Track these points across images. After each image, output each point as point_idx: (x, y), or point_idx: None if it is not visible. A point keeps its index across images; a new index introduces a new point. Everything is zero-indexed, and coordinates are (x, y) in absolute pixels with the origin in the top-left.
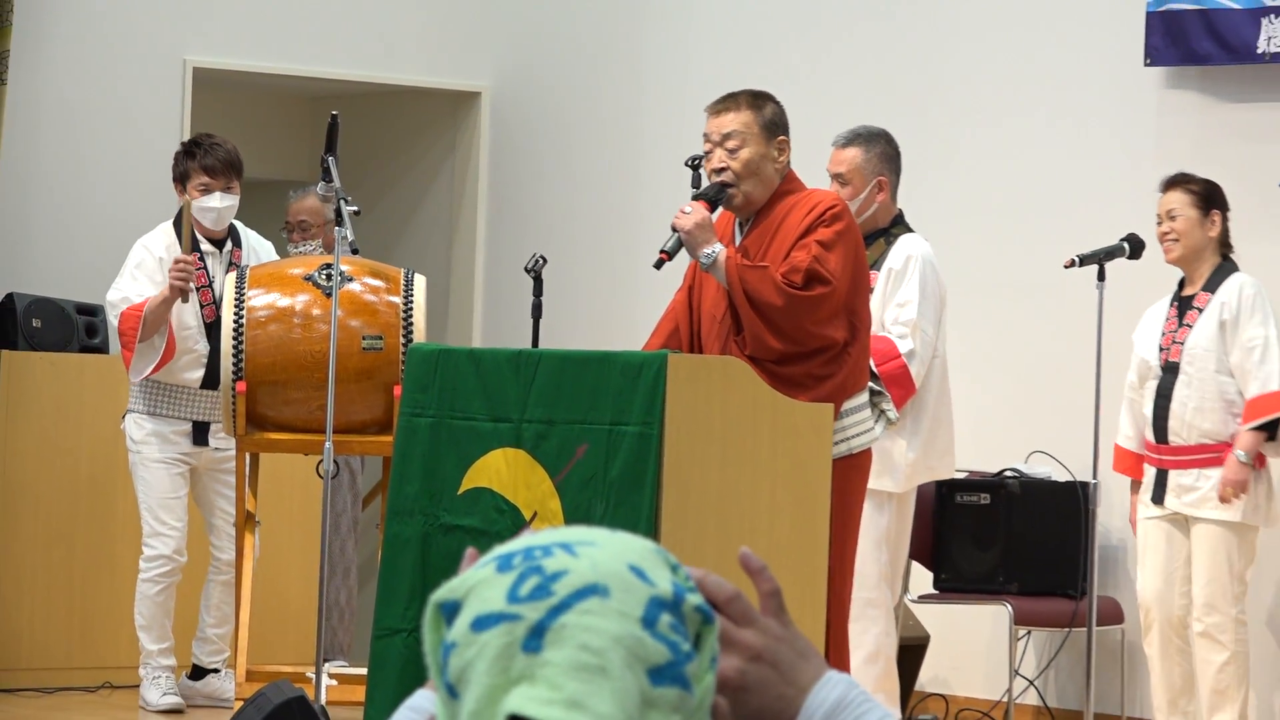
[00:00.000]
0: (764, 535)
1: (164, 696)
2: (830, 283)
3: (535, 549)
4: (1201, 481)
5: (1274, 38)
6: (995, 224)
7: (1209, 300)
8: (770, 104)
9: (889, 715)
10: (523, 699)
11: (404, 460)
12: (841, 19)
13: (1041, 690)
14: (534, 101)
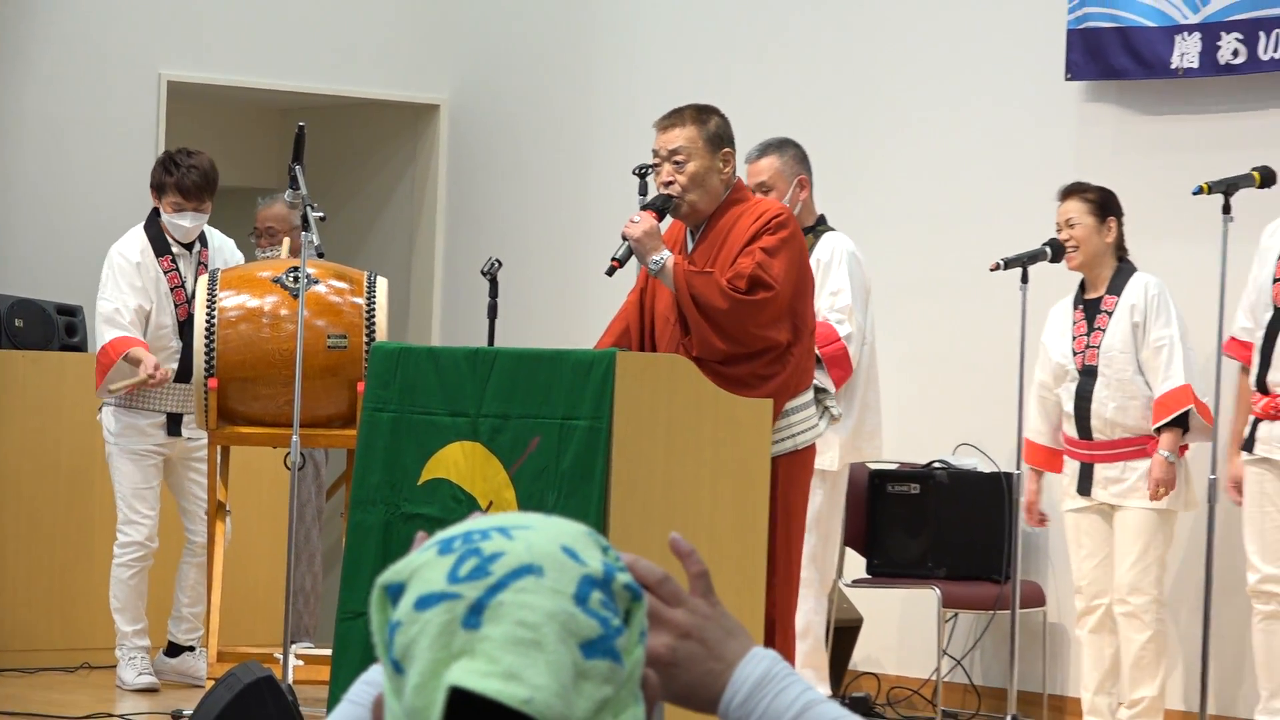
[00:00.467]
0: (706, 524)
1: (139, 676)
2: (773, 288)
3: (474, 533)
4: (1128, 473)
5: (1187, 54)
6: (925, 229)
7: (1116, 303)
8: (715, 118)
9: (810, 689)
10: (463, 672)
11: (367, 452)
12: (780, 37)
13: (968, 669)
14: (489, 114)
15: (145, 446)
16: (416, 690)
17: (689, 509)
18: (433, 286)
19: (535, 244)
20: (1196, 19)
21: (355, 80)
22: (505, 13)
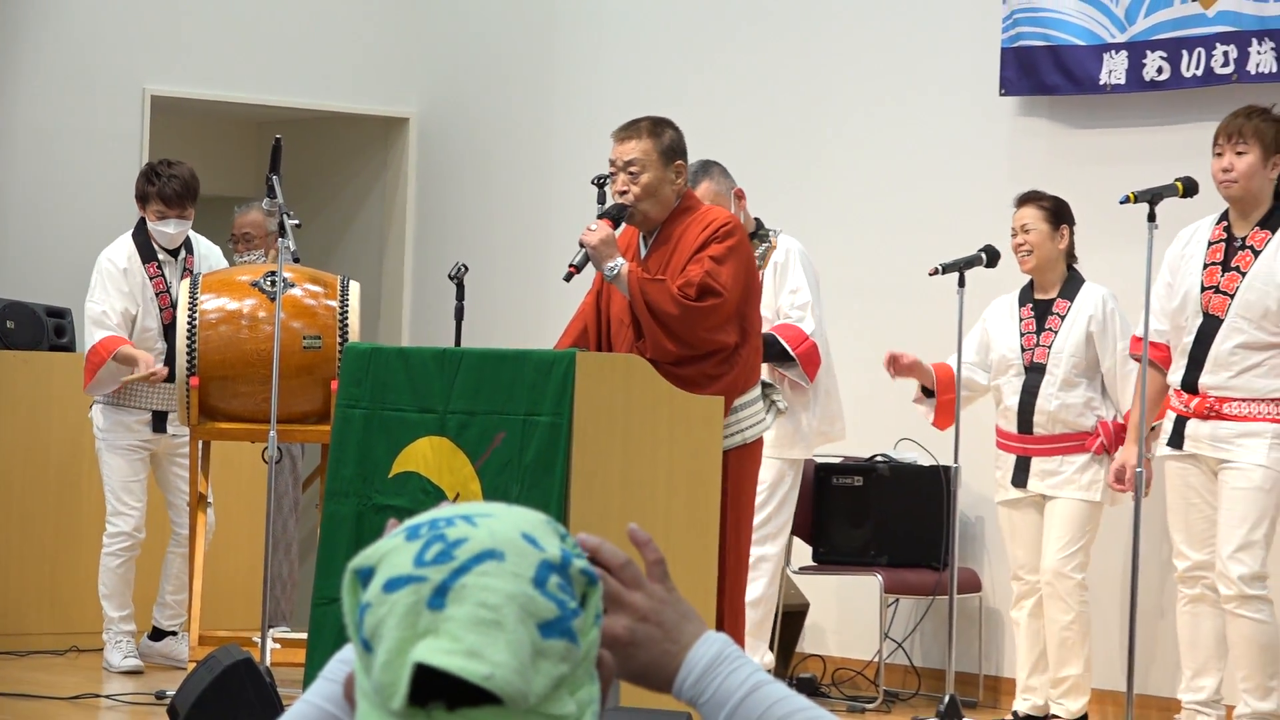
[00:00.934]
0: (662, 514)
1: (125, 659)
2: (721, 294)
3: (439, 520)
4: (1065, 466)
5: (1114, 71)
6: (868, 236)
7: (1069, 308)
8: (669, 131)
9: (758, 670)
10: (428, 650)
11: (340, 447)
12: (730, 53)
13: (908, 651)
14: (456, 127)
15: (132, 442)
16: (384, 667)
17: (645, 500)
18: (403, 290)
19: (499, 250)
20: (1123, 38)
21: (329, 95)
22: (471, 32)
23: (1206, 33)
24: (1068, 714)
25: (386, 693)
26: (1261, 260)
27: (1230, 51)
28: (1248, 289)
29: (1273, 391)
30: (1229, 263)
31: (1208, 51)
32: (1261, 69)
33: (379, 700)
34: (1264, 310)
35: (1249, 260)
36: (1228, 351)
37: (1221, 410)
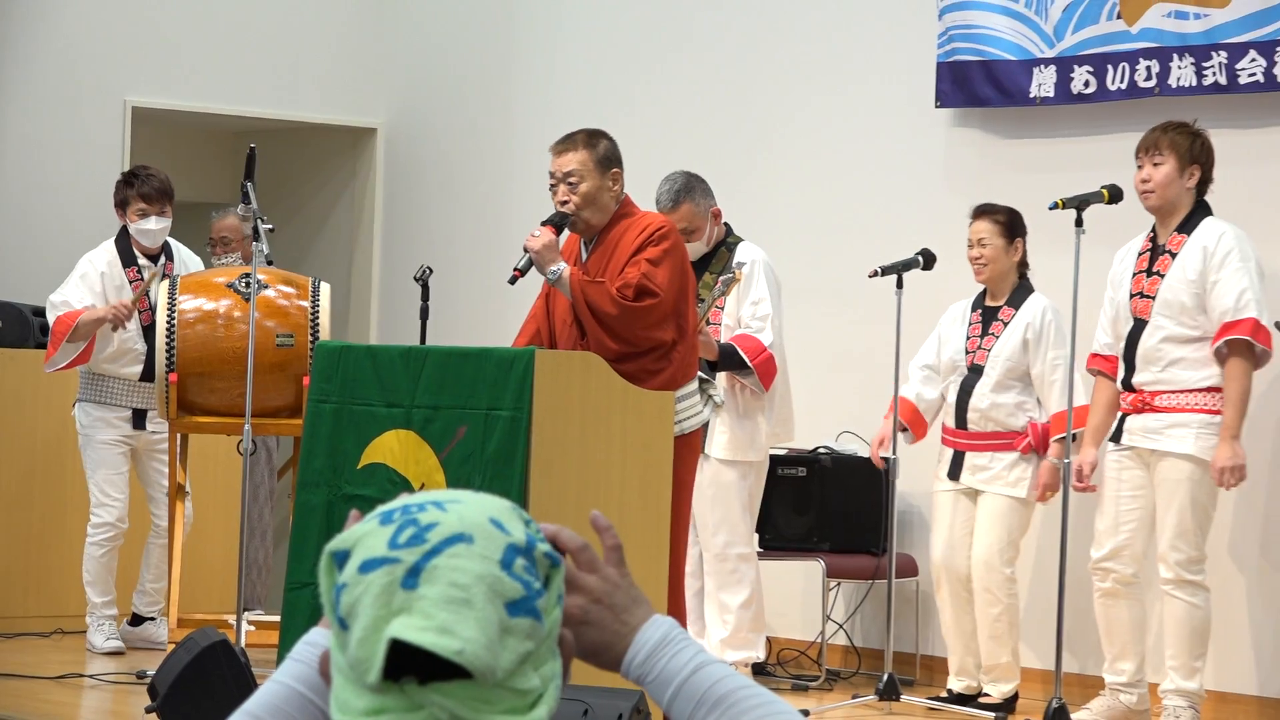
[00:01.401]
0: (615, 501)
1: (107, 640)
2: (658, 295)
3: (412, 506)
4: (994, 463)
5: (1043, 85)
6: (811, 239)
7: (1013, 315)
8: (604, 141)
9: (701, 651)
10: (402, 627)
11: (312, 440)
12: (682, 68)
13: (849, 632)
14: (421, 137)
15: (114, 437)
16: (360, 643)
17: (600, 489)
18: (371, 291)
19: (462, 253)
20: (1052, 53)
21: (301, 106)
22: (435, 47)
23: (1130, 49)
24: (998, 694)
25: (362, 668)
26: (1177, 261)
27: (1153, 66)
28: (1166, 289)
29: (1199, 382)
30: (1152, 268)
31: (1131, 66)
32: (1182, 83)
33: (354, 675)
34: (1181, 306)
35: (1168, 263)
36: (1153, 348)
37: (1153, 403)
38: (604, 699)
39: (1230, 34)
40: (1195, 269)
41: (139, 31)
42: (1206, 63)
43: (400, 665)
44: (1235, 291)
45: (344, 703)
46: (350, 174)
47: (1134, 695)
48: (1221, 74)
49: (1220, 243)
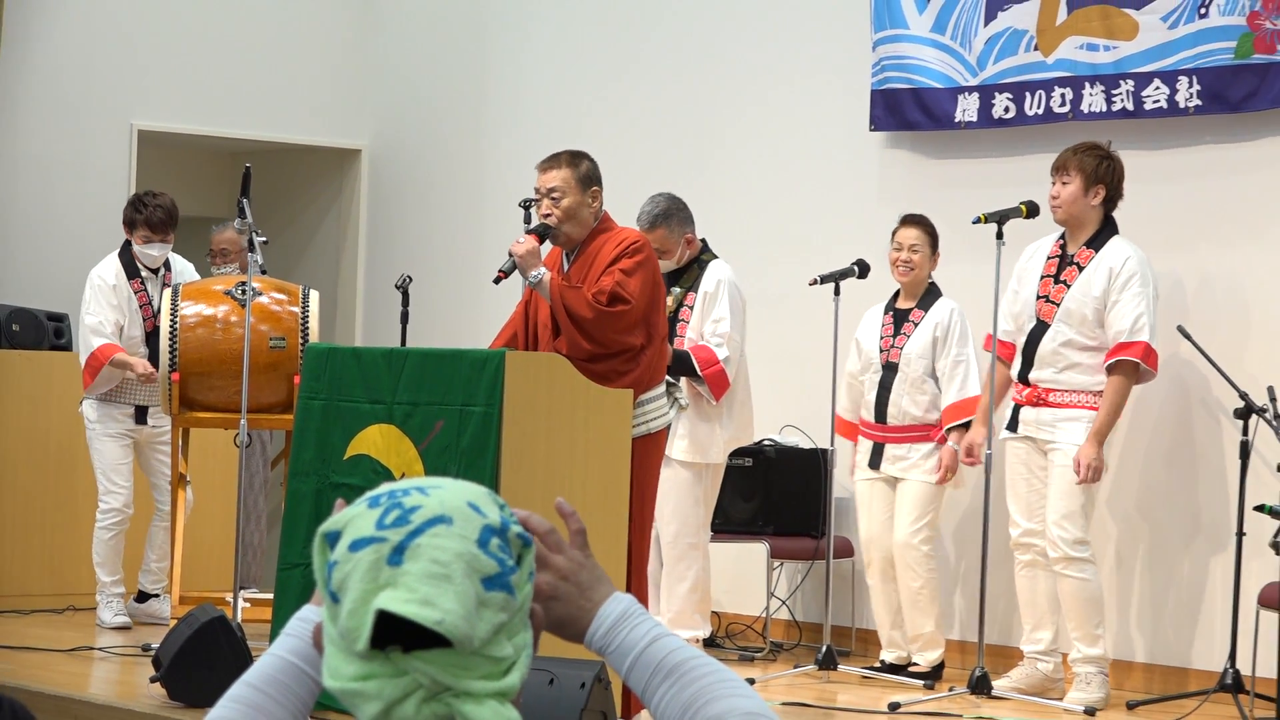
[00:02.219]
0: (578, 490)
1: (115, 616)
2: (630, 302)
3: (397, 491)
4: (912, 453)
5: (967, 110)
6: (757, 251)
7: (922, 317)
8: (585, 161)
9: (658, 625)
10: (388, 599)
11: (302, 433)
12: (639, 94)
13: (791, 608)
14: (402, 157)
15: (119, 431)
16: (350, 614)
17: (564, 479)
18: (356, 297)
19: (439, 263)
20: (975, 82)
21: (292, 129)
22: (414, 76)
23: (1046, 77)
24: (926, 663)
25: (351, 637)
26: (1084, 275)
27: (1067, 93)
28: (1070, 299)
29: (1091, 385)
30: (1059, 276)
31: (1047, 93)
32: (1093, 109)
33: (345, 644)
34: (1082, 318)
35: (1075, 274)
36: (1052, 351)
37: (1047, 399)
38: (568, 669)
39: (1137, 64)
40: (1100, 287)
41: (144, 60)
42: (1115, 90)
43: (386, 635)
44: (1133, 315)
45: (335, 669)
46: (337, 191)
47: (1050, 664)
48: (1129, 100)
49: (1125, 266)
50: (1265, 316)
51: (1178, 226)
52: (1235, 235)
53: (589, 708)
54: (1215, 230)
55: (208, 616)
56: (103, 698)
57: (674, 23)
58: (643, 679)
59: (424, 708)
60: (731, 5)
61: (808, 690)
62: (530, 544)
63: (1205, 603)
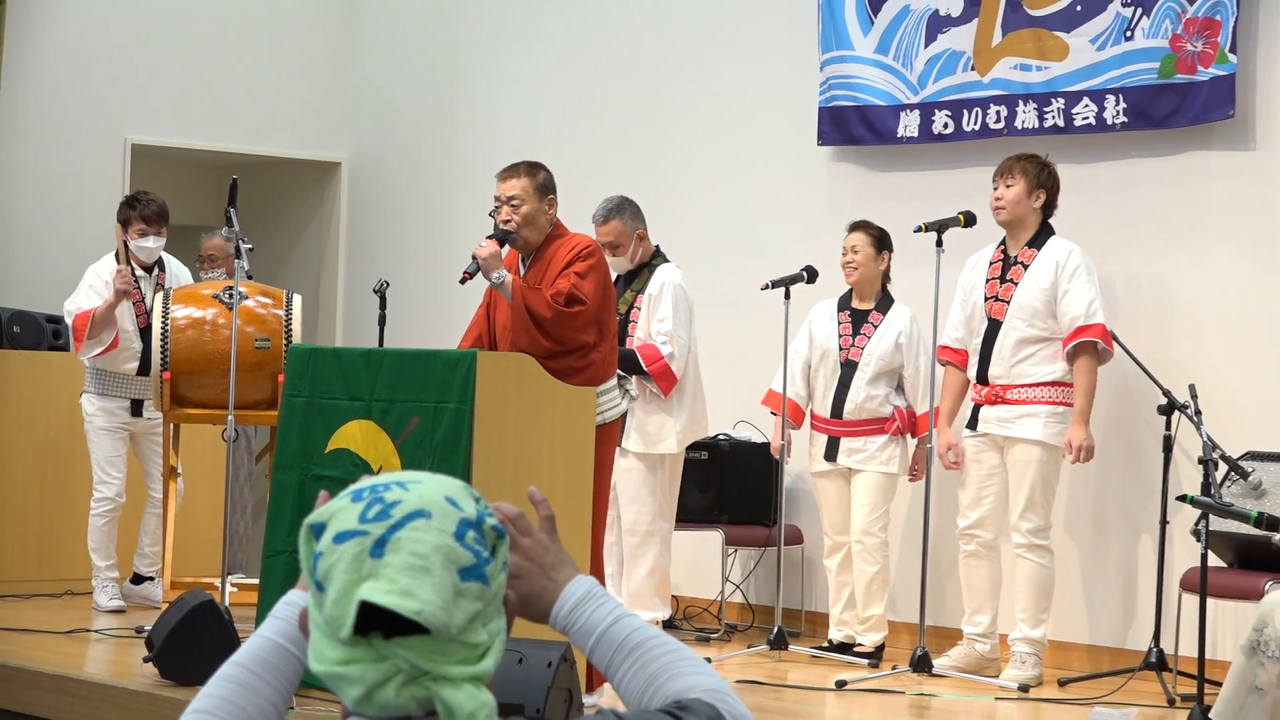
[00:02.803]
0: (546, 480)
1: (110, 600)
2: (585, 303)
3: (379, 485)
4: (868, 445)
5: (909, 127)
6: (713, 257)
7: (882, 320)
8: (542, 172)
9: (619, 606)
10: (370, 590)
11: (286, 428)
12: (601, 110)
13: (745, 592)
14: (379, 169)
15: (115, 424)
16: (334, 603)
17: (532, 470)
18: (336, 301)
19: (414, 269)
20: (916, 100)
21: (276, 143)
22: (391, 94)
23: (983, 96)
24: (870, 643)
25: (336, 624)
26: (1030, 271)
27: (1002, 111)
28: (1020, 294)
29: (1045, 376)
30: (1005, 276)
31: (984, 111)
32: (1026, 125)
33: (329, 631)
34: (1033, 310)
35: (1020, 272)
36: (1009, 347)
37: (1005, 396)
38: (536, 649)
39: (1067, 84)
40: (1048, 279)
41: (138, 79)
42: (1047, 108)
43: (368, 622)
44: (1085, 300)
45: (320, 653)
46: (318, 202)
47: (987, 644)
48: (1060, 118)
49: (1070, 258)
50: (1187, 319)
51: (1106, 234)
52: (1159, 243)
53: (556, 685)
54: (1141, 238)
55: (197, 600)
56: (98, 676)
57: (633, 45)
58: (605, 656)
59: (404, 691)
60: (687, 28)
61: (760, 669)
62: (504, 535)
63: (1133, 587)
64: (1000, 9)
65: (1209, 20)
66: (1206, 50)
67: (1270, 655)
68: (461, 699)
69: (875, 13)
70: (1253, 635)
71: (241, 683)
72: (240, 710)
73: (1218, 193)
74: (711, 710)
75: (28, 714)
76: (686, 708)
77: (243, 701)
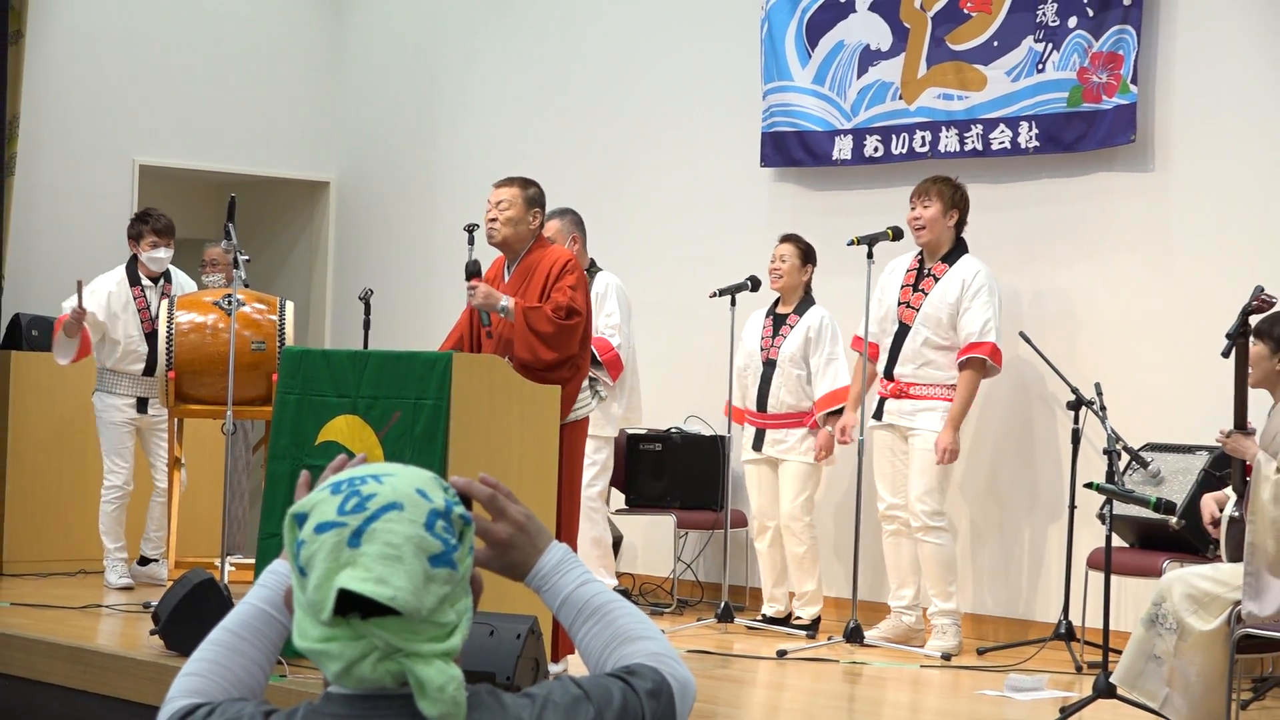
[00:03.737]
0: (515, 471)
1: (119, 578)
2: (581, 314)
3: (355, 479)
4: (789, 437)
5: (843, 150)
6: (666, 268)
7: (797, 321)
8: (534, 187)
9: (588, 572)
10: (348, 577)
11: (279, 422)
12: (565, 133)
13: (695, 570)
14: (364, 188)
15: (123, 419)
16: (316, 589)
17: (503, 460)
18: (325, 307)
19: (396, 279)
20: (849, 126)
21: (271, 164)
22: (374, 119)
23: (909, 122)
24: (808, 616)
25: (317, 608)
26: (939, 285)
27: (926, 136)
28: (928, 305)
29: (945, 379)
30: (918, 285)
31: (910, 136)
32: (948, 149)
33: (312, 612)
34: (937, 321)
35: (931, 284)
36: (913, 350)
37: (908, 392)
38: (505, 623)
39: (985, 111)
40: (953, 295)
41: (145, 106)
42: (967, 133)
43: (347, 605)
44: (981, 320)
45: (303, 631)
46: (309, 217)
47: (913, 616)
48: (979, 142)
49: (975, 279)
50: (1092, 323)
51: (1019, 248)
52: (1068, 255)
53: (524, 655)
54: (1051, 251)
55: (199, 578)
56: (109, 648)
57: (595, 74)
58: (570, 615)
59: (380, 666)
60: (645, 59)
61: (709, 639)
62: (470, 522)
63: (1044, 565)
64: (925, 44)
65: (1113, 55)
66: (1110, 81)
67: (1168, 627)
68: (432, 674)
69: (813, 47)
70: (1152, 609)
71: (229, 646)
72: (229, 672)
73: (1120, 210)
74: (656, 674)
75: (45, 682)
76: (634, 672)
77: (231, 664)
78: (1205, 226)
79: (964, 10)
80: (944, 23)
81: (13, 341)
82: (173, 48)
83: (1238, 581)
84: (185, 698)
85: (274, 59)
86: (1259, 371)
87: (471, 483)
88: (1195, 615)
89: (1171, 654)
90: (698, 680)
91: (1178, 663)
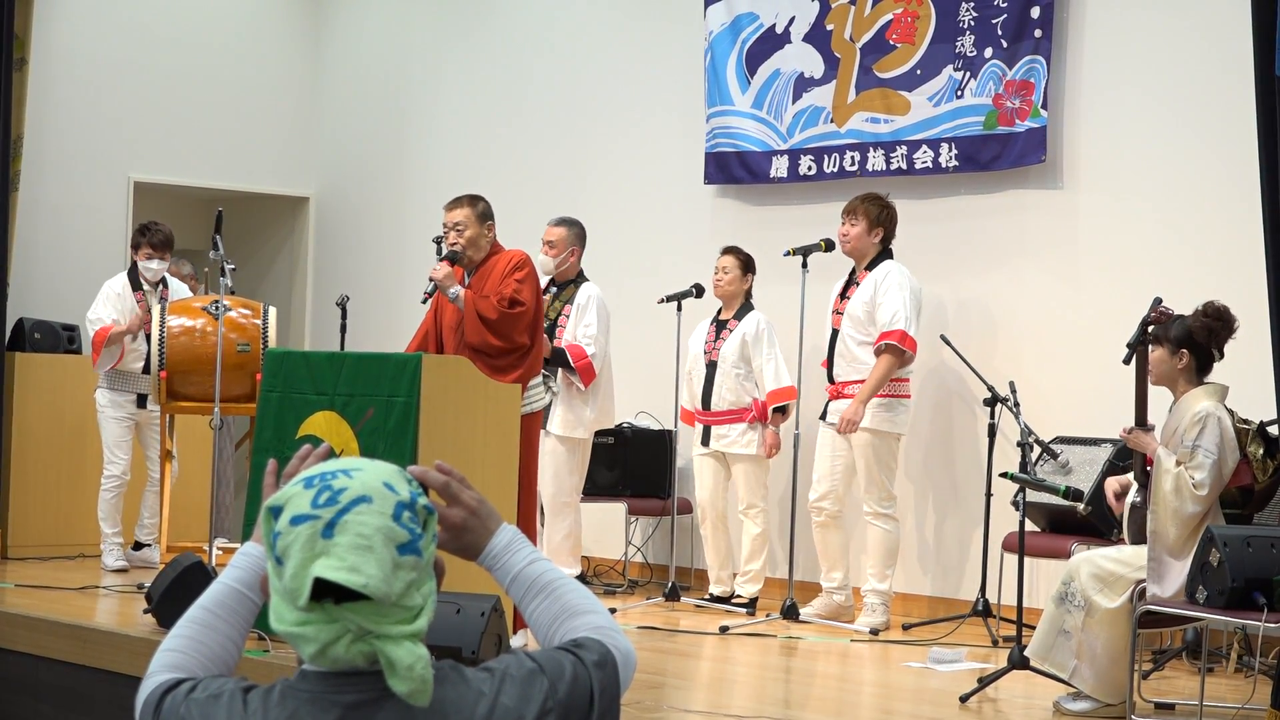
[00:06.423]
0: (479, 459)
1: (116, 561)
2: (524, 304)
3: (327, 474)
4: (732, 431)
5: (779, 169)
6: (617, 275)
7: (736, 325)
8: (481, 202)
9: (536, 551)
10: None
11: (263, 418)
12: (524, 154)
13: (645, 553)
14: (341, 203)
15: (123, 414)
16: (292, 576)
17: (468, 453)
18: (305, 312)
19: (370, 286)
20: (785, 146)
21: (255, 181)
22: (350, 139)
23: (840, 143)
24: (748, 594)
25: (294, 594)
26: (860, 288)
27: (856, 156)
28: (851, 307)
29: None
30: (845, 293)
31: (841, 156)
32: (875, 168)
33: (289, 598)
34: (858, 319)
35: (854, 290)
36: (843, 350)
37: (844, 392)
38: (470, 601)
39: (909, 134)
40: (869, 294)
41: (138, 127)
42: (893, 154)
43: (322, 591)
44: (891, 310)
45: (280, 615)
46: (290, 229)
47: (843, 595)
48: (903, 161)
49: (887, 277)
50: (1008, 328)
51: (942, 259)
52: (985, 265)
53: (488, 631)
54: (970, 262)
55: (189, 561)
56: (106, 625)
57: (550, 97)
58: (520, 591)
59: (352, 647)
60: (597, 83)
61: (657, 617)
62: (434, 511)
63: (965, 548)
64: (854, 72)
65: (1025, 82)
66: (1023, 107)
67: (1076, 605)
68: (401, 654)
69: (752, 74)
70: (1062, 588)
71: (205, 623)
72: (205, 647)
73: (1032, 224)
74: (601, 646)
75: (47, 657)
76: (582, 645)
77: (208, 640)
78: (1109, 239)
79: (890, 41)
80: (871, 53)
81: (17, 344)
82: (165, 74)
83: (1140, 562)
84: (166, 672)
85: (258, 85)
86: (1159, 372)
87: (427, 471)
88: (1101, 593)
89: (1080, 629)
90: (648, 654)
91: (1085, 637)
